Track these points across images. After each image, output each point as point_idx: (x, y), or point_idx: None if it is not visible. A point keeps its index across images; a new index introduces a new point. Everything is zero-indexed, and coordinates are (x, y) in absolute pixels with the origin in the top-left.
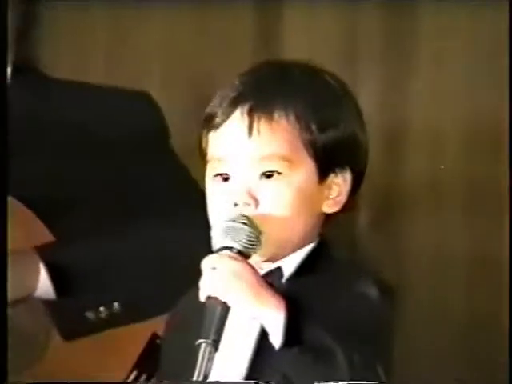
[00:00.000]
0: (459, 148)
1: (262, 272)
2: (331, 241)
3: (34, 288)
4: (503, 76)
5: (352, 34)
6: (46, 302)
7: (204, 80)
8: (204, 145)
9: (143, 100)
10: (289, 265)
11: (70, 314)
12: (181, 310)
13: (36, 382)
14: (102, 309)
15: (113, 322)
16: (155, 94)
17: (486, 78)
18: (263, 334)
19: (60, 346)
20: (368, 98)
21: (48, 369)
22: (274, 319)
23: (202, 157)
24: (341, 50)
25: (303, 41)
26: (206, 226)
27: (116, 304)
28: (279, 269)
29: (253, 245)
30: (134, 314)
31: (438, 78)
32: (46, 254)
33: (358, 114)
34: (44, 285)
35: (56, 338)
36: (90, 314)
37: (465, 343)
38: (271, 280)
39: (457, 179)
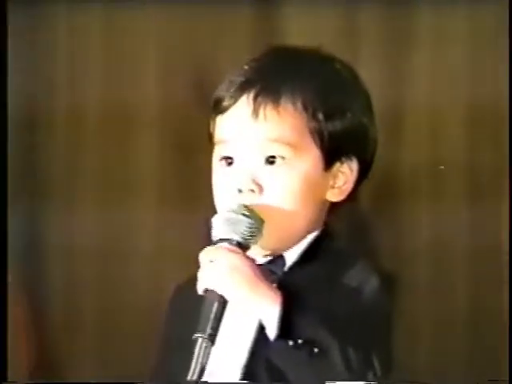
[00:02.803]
0: (460, 134)
1: (264, 260)
2: (335, 230)
3: None
4: (505, 58)
5: (352, 22)
6: None
7: (202, 74)
8: (211, 129)
9: None
10: (291, 254)
11: None
12: (179, 301)
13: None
14: None
15: None
16: (152, 92)
17: (488, 59)
18: (261, 329)
19: None
20: (368, 82)
21: None
22: (269, 312)
23: (210, 141)
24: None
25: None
26: None
27: None
28: (282, 257)
29: (253, 236)
30: None
31: (439, 61)
32: None
33: (368, 103)
34: None
35: None
36: None
37: (466, 333)
38: (273, 269)
39: (458, 166)
